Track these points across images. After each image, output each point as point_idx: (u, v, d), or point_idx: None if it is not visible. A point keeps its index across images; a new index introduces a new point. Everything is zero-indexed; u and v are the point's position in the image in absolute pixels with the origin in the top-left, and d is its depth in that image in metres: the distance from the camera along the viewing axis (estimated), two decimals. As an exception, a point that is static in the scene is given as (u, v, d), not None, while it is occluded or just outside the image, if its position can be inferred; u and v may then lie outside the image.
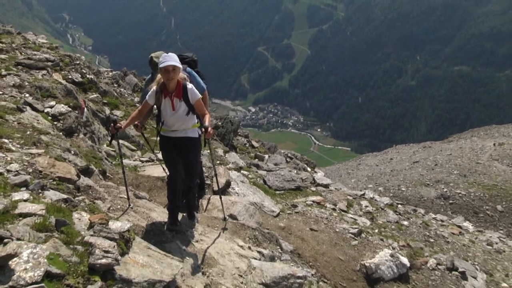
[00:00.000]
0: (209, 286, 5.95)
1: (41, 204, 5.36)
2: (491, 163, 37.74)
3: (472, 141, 46.02)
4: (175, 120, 7.35)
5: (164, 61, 6.97)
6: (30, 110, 8.98)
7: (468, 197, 32.85)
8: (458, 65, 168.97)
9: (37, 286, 4.25)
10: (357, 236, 10.49)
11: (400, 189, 33.39)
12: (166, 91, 7.20)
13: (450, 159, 39.08)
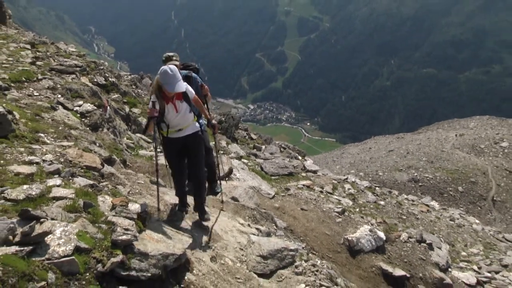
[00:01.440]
0: (215, 258, 5.93)
1: (71, 189, 5.40)
2: (453, 151, 37.78)
3: (437, 132, 46.04)
4: (179, 120, 6.84)
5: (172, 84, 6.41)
6: (62, 109, 8.96)
7: (435, 180, 32.93)
8: (426, 68, 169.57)
9: (69, 259, 4.30)
10: (341, 214, 10.48)
11: (378, 174, 33.44)
12: (166, 97, 6.60)
13: (420, 148, 39.13)
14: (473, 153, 37.82)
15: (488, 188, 33.43)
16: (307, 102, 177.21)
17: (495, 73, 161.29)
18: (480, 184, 33.49)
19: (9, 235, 4.21)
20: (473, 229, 15.74)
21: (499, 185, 33.83)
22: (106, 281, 4.53)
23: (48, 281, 4.07)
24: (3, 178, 5.35)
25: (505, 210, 31.72)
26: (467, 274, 10.35)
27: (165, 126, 6.83)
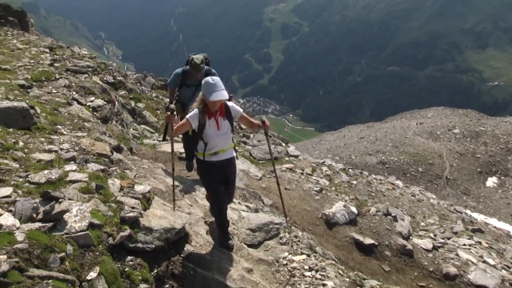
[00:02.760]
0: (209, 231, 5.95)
1: (85, 173, 5.41)
2: (415, 137, 37.94)
3: (401, 121, 46.17)
4: (219, 140, 5.71)
5: (214, 92, 5.40)
6: (77, 104, 8.94)
7: (399, 162, 33.09)
8: (391, 66, 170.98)
9: (84, 233, 4.34)
10: (319, 193, 10.52)
11: (351, 158, 33.53)
12: (210, 111, 5.57)
13: (386, 135, 39.23)
14: (430, 138, 38.01)
15: (443, 168, 33.68)
16: (289, 96, 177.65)
17: (448, 70, 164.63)
18: (437, 165, 33.72)
19: (33, 213, 4.28)
20: (430, 203, 15.85)
21: (452, 166, 34.09)
22: (116, 252, 4.58)
23: (67, 252, 4.12)
24: (27, 164, 5.38)
25: (456, 186, 32.02)
26: (425, 241, 10.43)
27: (201, 147, 5.75)
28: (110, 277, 4.31)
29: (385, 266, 8.95)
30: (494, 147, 36.65)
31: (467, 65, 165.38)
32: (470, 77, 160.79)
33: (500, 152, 36.15)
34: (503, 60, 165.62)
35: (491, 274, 9.15)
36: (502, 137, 37.77)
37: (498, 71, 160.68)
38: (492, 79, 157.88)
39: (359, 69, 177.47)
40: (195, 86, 7.86)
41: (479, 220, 17.99)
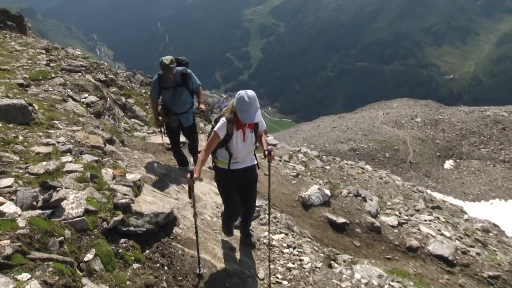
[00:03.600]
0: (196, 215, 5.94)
1: (80, 164, 5.38)
2: (382, 126, 38.18)
3: (370, 112, 46.45)
4: (243, 151, 5.17)
5: (247, 112, 4.78)
6: (71, 101, 8.86)
7: (368, 149, 33.30)
8: (360, 62, 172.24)
9: (80, 219, 4.37)
10: (296, 177, 10.54)
11: (325, 146, 33.65)
12: (239, 123, 4.93)
13: (356, 124, 39.44)
14: (396, 127, 38.30)
15: (407, 153, 34.01)
16: (268, 90, 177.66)
17: (410, 65, 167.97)
18: (401, 150, 34.04)
19: (33, 201, 4.28)
20: (396, 184, 16.00)
21: (414, 151, 34.44)
22: (110, 235, 4.59)
23: (65, 236, 4.15)
24: (27, 156, 5.36)
25: (418, 169, 32.40)
26: (391, 218, 10.53)
27: (225, 156, 5.15)
28: (105, 258, 4.33)
29: (356, 242, 9.03)
30: (450, 134, 37.12)
31: (426, 60, 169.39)
32: (429, 71, 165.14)
33: (456, 138, 36.64)
34: (457, 56, 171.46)
35: (447, 244, 9.31)
36: (457, 124, 38.27)
37: (452, 66, 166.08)
38: (448, 73, 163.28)
39: (331, 65, 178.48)
40: (172, 88, 7.44)
41: (437, 198, 18.23)
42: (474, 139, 36.55)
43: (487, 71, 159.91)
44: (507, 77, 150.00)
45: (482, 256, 9.30)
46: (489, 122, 38.61)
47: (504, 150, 35.24)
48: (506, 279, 8.76)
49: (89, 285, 3.98)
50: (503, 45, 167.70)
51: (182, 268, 4.83)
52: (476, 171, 33.12)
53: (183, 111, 7.65)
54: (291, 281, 5.18)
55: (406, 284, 6.50)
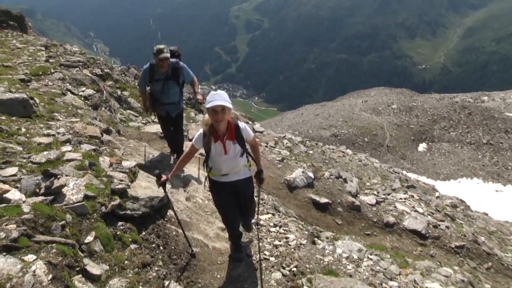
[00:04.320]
0: (189, 198, 5.94)
1: (79, 153, 5.34)
2: (361, 113, 38.31)
3: (349, 100, 46.59)
4: (226, 164, 4.45)
5: (212, 100, 4.13)
6: (70, 94, 8.76)
7: (348, 134, 33.42)
8: (339, 54, 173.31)
9: (80, 204, 4.37)
10: (281, 162, 10.56)
11: (308, 132, 33.70)
12: (216, 134, 4.30)
13: (337, 111, 39.51)
14: (374, 113, 38.47)
15: (384, 138, 34.21)
16: (254, 82, 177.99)
17: (386, 57, 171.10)
18: (379, 135, 34.24)
19: (36, 188, 4.28)
20: (374, 166, 16.09)
21: (391, 135, 34.66)
22: (108, 219, 4.58)
23: (67, 220, 4.15)
24: (29, 147, 5.33)
25: (395, 152, 32.66)
26: (370, 197, 10.60)
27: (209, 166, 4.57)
28: (104, 240, 4.33)
29: (338, 220, 9.09)
30: (423, 119, 37.39)
31: (400, 52, 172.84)
32: (403, 62, 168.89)
33: (428, 123, 36.93)
34: (428, 48, 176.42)
35: (420, 220, 9.43)
36: (429, 110, 38.55)
37: (424, 57, 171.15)
38: (420, 63, 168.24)
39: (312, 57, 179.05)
40: (162, 81, 6.89)
41: (412, 178, 18.42)
42: (444, 123, 36.88)
43: (455, 62, 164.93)
44: (472, 67, 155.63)
45: (450, 229, 9.46)
46: (457, 108, 38.96)
47: (471, 133, 35.64)
48: (470, 248, 9.08)
49: (91, 265, 3.99)
50: (468, 38, 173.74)
51: (176, 248, 4.84)
52: (446, 153, 33.47)
53: (171, 102, 7.18)
54: (278, 257, 5.21)
55: (383, 256, 6.57)
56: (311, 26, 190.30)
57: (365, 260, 6.05)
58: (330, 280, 5.05)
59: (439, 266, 7.24)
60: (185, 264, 4.71)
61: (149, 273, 4.37)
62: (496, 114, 38.50)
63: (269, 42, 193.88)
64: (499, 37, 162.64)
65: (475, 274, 7.97)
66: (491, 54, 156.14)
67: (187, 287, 4.46)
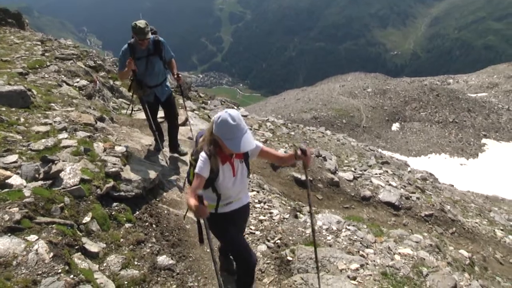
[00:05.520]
0: (179, 179, 5.92)
1: (74, 140, 5.31)
2: (339, 97, 38.43)
3: (328, 85, 46.65)
4: (235, 189, 3.41)
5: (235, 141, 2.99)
6: (65, 85, 8.61)
7: (328, 117, 33.57)
8: (318, 43, 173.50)
9: (77, 187, 4.38)
10: (265, 143, 10.56)
11: (290, 115, 33.78)
12: (223, 154, 3.19)
13: (317, 96, 39.60)
14: (350, 97, 38.62)
15: (361, 119, 34.45)
16: (239, 70, 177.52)
17: (361, 44, 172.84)
18: (356, 117, 34.46)
19: (36, 174, 4.29)
20: (351, 145, 16.21)
21: (367, 117, 34.91)
22: (104, 200, 4.59)
23: (65, 202, 4.16)
24: (28, 135, 5.29)
25: (371, 132, 32.97)
26: (348, 174, 10.68)
27: (213, 198, 3.39)
28: (101, 220, 4.34)
29: (319, 195, 9.15)
30: (396, 101, 37.67)
31: (374, 40, 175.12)
32: (377, 49, 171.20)
33: (400, 104, 37.25)
34: (399, 36, 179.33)
35: (393, 192, 9.56)
36: (401, 93, 38.84)
37: (396, 44, 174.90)
38: (392, 49, 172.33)
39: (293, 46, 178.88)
40: (145, 58, 5.99)
41: (386, 155, 18.61)
42: (415, 104, 37.22)
43: (423, 48, 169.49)
44: (438, 52, 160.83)
45: (420, 200, 9.62)
46: (426, 90, 39.33)
47: (438, 112, 36.09)
48: (437, 216, 9.34)
49: (89, 243, 4.02)
50: (435, 26, 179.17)
51: (168, 225, 4.85)
52: (417, 131, 33.87)
53: (157, 83, 6.22)
54: (262, 231, 5.25)
55: (360, 227, 6.65)
56: (291, 17, 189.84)
57: (344, 230, 6.12)
58: (311, 250, 5.10)
59: (411, 233, 7.37)
60: (177, 240, 4.72)
61: (143, 250, 4.39)
62: (460, 95, 39.02)
63: (251, 32, 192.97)
64: (460, 25, 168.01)
65: (442, 238, 8.15)
66: (455, 41, 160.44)
67: (179, 261, 4.48)
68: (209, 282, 4.33)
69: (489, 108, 36.93)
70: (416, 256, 6.16)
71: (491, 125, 34.65)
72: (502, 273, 7.91)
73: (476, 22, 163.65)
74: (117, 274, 3.90)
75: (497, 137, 33.11)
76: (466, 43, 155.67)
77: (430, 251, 6.68)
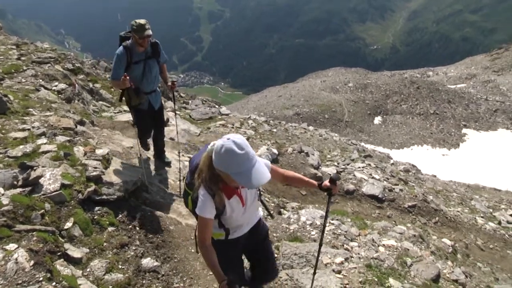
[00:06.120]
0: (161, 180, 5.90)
1: (54, 145, 5.25)
2: (320, 92, 38.60)
3: (309, 81, 46.78)
4: (245, 217, 2.97)
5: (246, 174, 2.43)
6: (44, 89, 8.48)
7: (310, 112, 33.70)
8: (298, 39, 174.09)
9: (58, 192, 4.32)
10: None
11: (272, 112, 33.79)
12: (228, 188, 2.69)
13: (299, 92, 39.68)
14: (332, 92, 38.83)
15: (343, 114, 34.68)
16: (220, 68, 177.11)
17: (341, 39, 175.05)
18: (338, 112, 34.66)
19: (14, 181, 4.22)
20: (334, 140, 16.30)
21: (349, 111, 35.15)
22: (86, 205, 4.54)
23: (46, 209, 4.11)
24: (5, 142, 5.19)
25: (353, 126, 33.22)
26: (331, 168, 10.76)
27: (221, 230, 2.94)
28: (83, 225, 4.30)
29: (302, 191, 9.19)
30: (377, 94, 38.02)
31: (354, 35, 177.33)
32: (356, 44, 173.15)
33: (382, 98, 37.62)
34: (378, 30, 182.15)
35: (377, 185, 9.66)
36: (382, 86, 39.21)
37: (375, 38, 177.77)
38: (372, 44, 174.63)
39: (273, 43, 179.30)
40: (143, 61, 5.52)
41: (369, 149, 18.80)
42: (396, 97, 37.63)
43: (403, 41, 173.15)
44: (417, 45, 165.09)
45: (403, 191, 9.75)
46: (407, 83, 39.79)
47: (419, 105, 36.57)
48: (420, 206, 9.48)
49: (71, 249, 3.99)
50: (413, 20, 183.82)
51: (152, 227, 4.83)
52: (399, 124, 34.29)
53: (153, 89, 5.82)
54: (246, 228, 5.25)
55: (344, 220, 6.73)
56: (270, 14, 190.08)
57: (328, 225, 6.18)
58: (295, 245, 5.15)
59: (395, 225, 7.48)
60: (161, 242, 4.71)
61: (127, 253, 4.37)
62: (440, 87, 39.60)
63: (231, 31, 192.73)
64: (438, 18, 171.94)
65: (425, 228, 8.30)
66: (433, 34, 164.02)
67: (164, 263, 4.47)
68: (194, 282, 4.34)
69: (468, 99, 37.58)
70: (400, 247, 6.26)
71: (471, 115, 35.28)
72: (483, 258, 8.09)
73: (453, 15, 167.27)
74: (101, 279, 3.88)
75: (476, 127, 33.73)
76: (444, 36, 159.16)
77: (414, 242, 6.80)
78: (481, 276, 6.61)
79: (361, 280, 4.57)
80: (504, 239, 9.43)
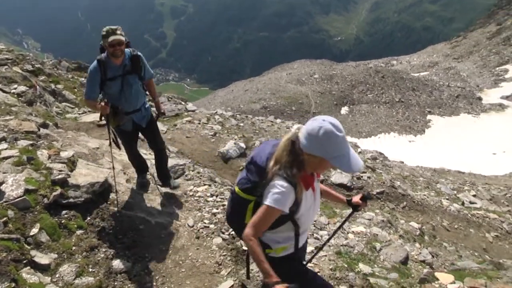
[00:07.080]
0: (129, 180, 5.85)
1: (16, 149, 5.10)
2: (287, 85, 38.90)
3: (275, 74, 47.04)
4: (313, 217, 2.71)
5: (347, 155, 2.29)
6: (1, 93, 8.19)
7: (277, 105, 33.95)
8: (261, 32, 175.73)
9: (21, 198, 4.20)
10: (214, 136, 10.53)
11: (240, 107, 33.87)
12: (308, 178, 2.42)
13: (265, 85, 39.87)
14: (298, 84, 39.19)
15: (310, 105, 35.09)
16: (185, 64, 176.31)
17: (305, 32, 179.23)
18: (305, 103, 35.06)
19: None
20: (302, 132, 16.44)
21: (316, 103, 35.60)
22: (52, 209, 4.44)
23: (9, 216, 3.99)
24: (-38, 150, 4.99)
25: (320, 117, 33.66)
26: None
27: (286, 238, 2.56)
28: (50, 230, 4.22)
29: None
30: (343, 85, 38.63)
31: (318, 27, 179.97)
32: (321, 36, 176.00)
33: (348, 88, 38.25)
34: (341, 22, 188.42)
35: (345, 174, 9.84)
36: (348, 77, 39.86)
37: (339, 30, 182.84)
38: (336, 35, 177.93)
39: (237, 37, 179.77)
40: (120, 77, 4.74)
41: (337, 139, 19.03)
42: (362, 87, 38.35)
43: (366, 32, 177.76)
44: (381, 35, 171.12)
45: (371, 179, 9.98)
46: (372, 72, 40.59)
47: (385, 93, 37.39)
48: (388, 192, 9.75)
49: (38, 256, 3.91)
50: (375, 10, 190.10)
51: (122, 228, 4.79)
52: (366, 113, 34.98)
53: (136, 108, 5.06)
54: (216, 224, 5.28)
55: (314, 211, 6.83)
56: (233, 8, 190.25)
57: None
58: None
59: (363, 211, 7.67)
60: (131, 242, 4.68)
61: (97, 255, 4.32)
62: (404, 75, 40.61)
63: (195, 26, 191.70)
64: (399, 9, 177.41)
65: (393, 213, 8.54)
66: (395, 24, 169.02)
67: (135, 263, 4.45)
68: (167, 280, 4.34)
69: (432, 86, 38.70)
70: (369, 232, 6.44)
71: (434, 101, 36.37)
72: (449, 238, 8.42)
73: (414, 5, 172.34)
74: (71, 283, 3.83)
75: (440, 113, 34.83)
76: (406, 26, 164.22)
77: (383, 227, 7.01)
78: (446, 255, 6.88)
79: (331, 268, 4.69)
80: (467, 218, 9.83)
